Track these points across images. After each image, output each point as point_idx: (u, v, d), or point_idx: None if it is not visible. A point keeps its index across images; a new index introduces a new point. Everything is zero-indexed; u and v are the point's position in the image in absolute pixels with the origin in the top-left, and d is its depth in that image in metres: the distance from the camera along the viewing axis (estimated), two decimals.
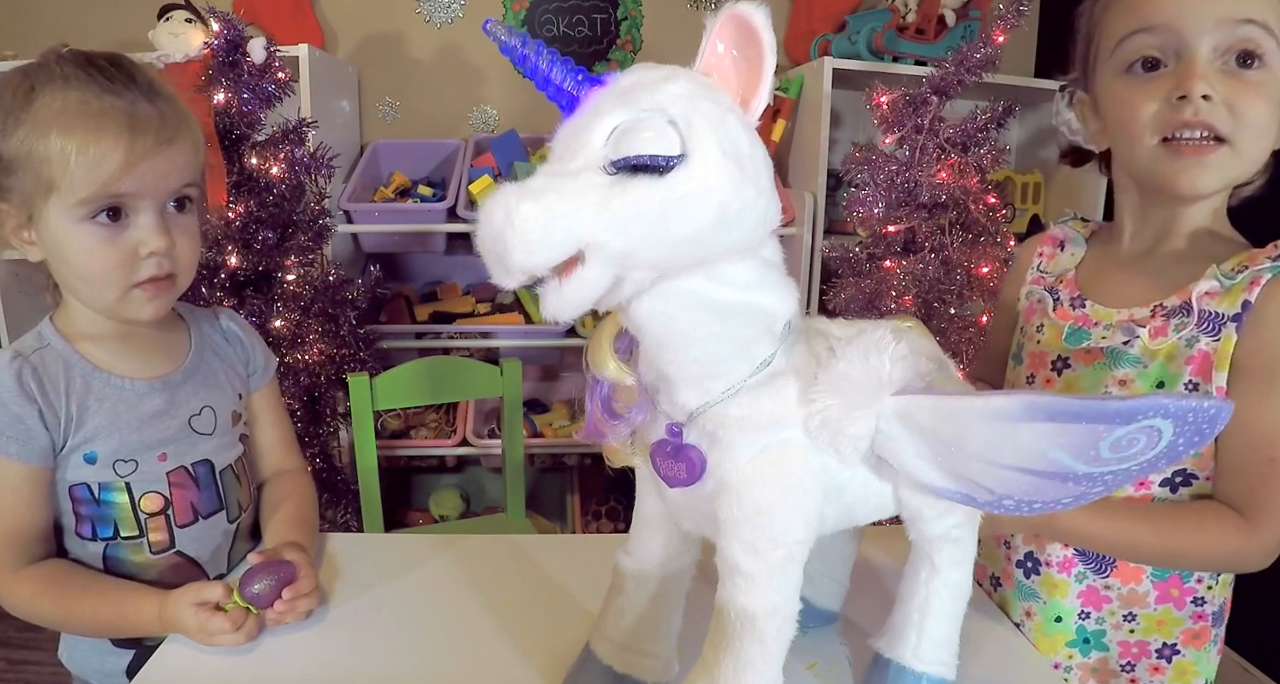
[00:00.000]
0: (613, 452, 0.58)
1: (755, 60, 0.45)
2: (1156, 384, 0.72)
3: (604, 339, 0.53)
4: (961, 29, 1.94)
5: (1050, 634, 0.80)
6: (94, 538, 0.80)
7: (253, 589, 0.74)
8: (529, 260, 0.40)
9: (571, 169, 0.43)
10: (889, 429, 0.50)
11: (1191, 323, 0.70)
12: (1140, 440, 0.44)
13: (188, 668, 0.71)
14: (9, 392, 0.74)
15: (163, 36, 1.60)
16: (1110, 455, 0.44)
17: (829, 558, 0.75)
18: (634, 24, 2.20)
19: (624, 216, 0.41)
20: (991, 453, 0.47)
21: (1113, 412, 0.43)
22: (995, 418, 0.46)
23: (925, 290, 1.65)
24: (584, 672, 0.66)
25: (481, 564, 0.89)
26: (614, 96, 0.44)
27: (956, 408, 0.48)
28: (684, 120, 0.42)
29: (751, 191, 0.44)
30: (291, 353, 1.60)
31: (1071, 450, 0.45)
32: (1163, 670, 0.78)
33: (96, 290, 0.76)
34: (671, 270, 0.45)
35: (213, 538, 0.86)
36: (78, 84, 0.72)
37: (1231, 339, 0.68)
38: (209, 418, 0.86)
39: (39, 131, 0.70)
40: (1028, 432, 0.45)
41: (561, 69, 0.47)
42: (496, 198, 0.41)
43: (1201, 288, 0.70)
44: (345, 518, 1.74)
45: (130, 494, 0.80)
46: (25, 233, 0.75)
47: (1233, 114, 0.66)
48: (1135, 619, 0.77)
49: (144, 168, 0.72)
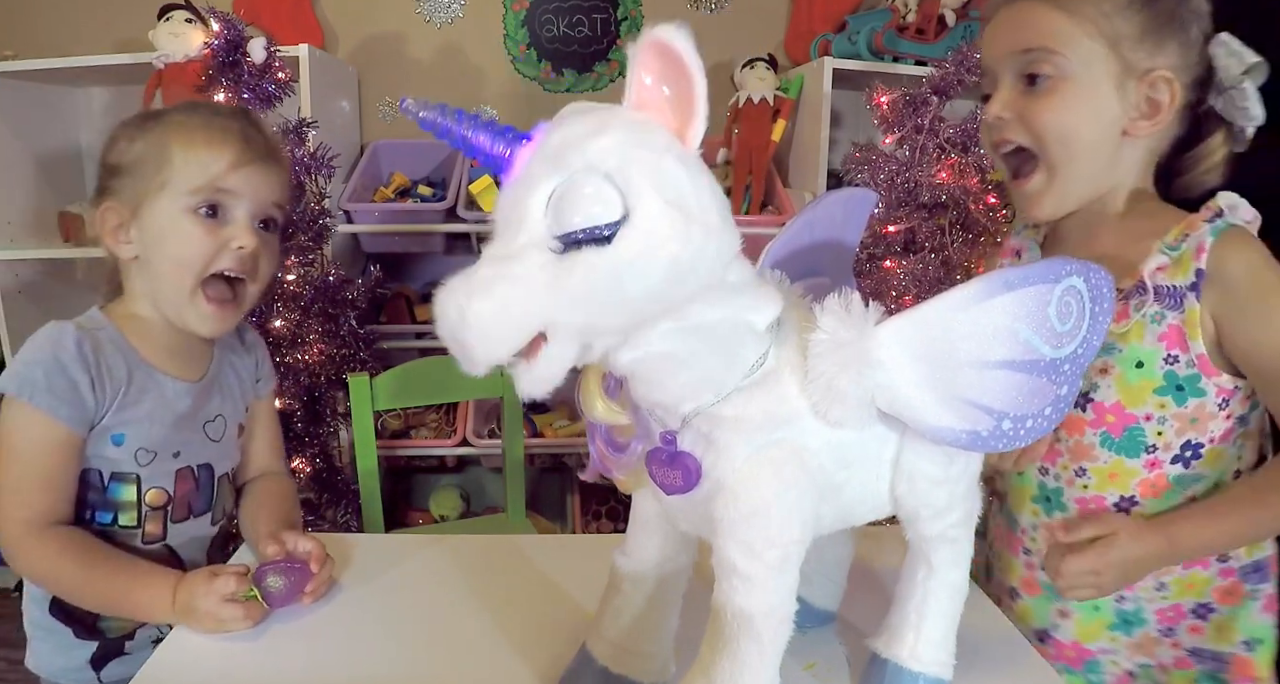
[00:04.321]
0: (624, 482, 0.59)
1: (685, 89, 0.43)
2: (1136, 364, 0.77)
3: (592, 384, 0.53)
4: (961, 29, 1.93)
5: (1090, 623, 0.83)
6: (91, 521, 0.83)
7: (270, 584, 0.75)
8: (491, 354, 0.41)
9: (515, 248, 0.42)
10: (888, 360, 0.51)
11: (1149, 299, 0.75)
12: (1072, 305, 0.52)
13: (187, 668, 0.71)
14: (70, 357, 0.78)
15: (163, 36, 1.59)
16: (1060, 327, 0.52)
17: (826, 558, 0.75)
18: (634, 24, 2.20)
19: (577, 294, 0.41)
20: (977, 348, 0.51)
21: (1042, 268, 0.51)
22: (968, 304, 0.51)
23: (925, 290, 1.65)
24: (580, 672, 0.66)
25: (481, 564, 0.89)
26: (544, 160, 0.42)
27: (934, 310, 0.51)
28: (620, 174, 0.41)
29: (700, 236, 0.43)
30: (291, 353, 1.60)
31: (1031, 321, 0.51)
32: (1201, 630, 0.81)
33: (179, 278, 0.82)
34: (636, 328, 0.45)
35: (198, 537, 0.90)
36: (198, 111, 0.85)
37: (1195, 309, 0.73)
38: (220, 425, 0.91)
39: (160, 142, 0.81)
40: (996, 308, 0.51)
41: (488, 134, 0.45)
42: (448, 296, 0.41)
43: (1151, 264, 0.75)
44: (345, 518, 1.74)
45: (138, 487, 0.83)
46: (124, 232, 0.83)
47: (1027, 127, 0.77)
48: (1165, 587, 0.80)
49: (248, 171, 0.82)
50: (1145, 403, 0.77)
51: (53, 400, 0.77)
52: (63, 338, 0.79)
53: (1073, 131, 0.76)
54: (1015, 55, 0.77)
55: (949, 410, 0.52)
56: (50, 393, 0.77)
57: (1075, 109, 0.75)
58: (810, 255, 0.68)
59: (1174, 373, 0.76)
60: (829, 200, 0.69)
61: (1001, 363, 0.51)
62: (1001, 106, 0.78)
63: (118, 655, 0.88)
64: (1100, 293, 0.54)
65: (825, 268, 0.69)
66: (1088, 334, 0.54)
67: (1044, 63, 0.75)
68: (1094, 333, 0.54)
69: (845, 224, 0.71)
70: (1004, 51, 0.78)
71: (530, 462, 2.20)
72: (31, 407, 0.77)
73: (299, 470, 1.63)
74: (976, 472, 0.63)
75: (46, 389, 0.77)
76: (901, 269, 1.65)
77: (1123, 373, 0.78)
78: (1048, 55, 0.75)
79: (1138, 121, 0.76)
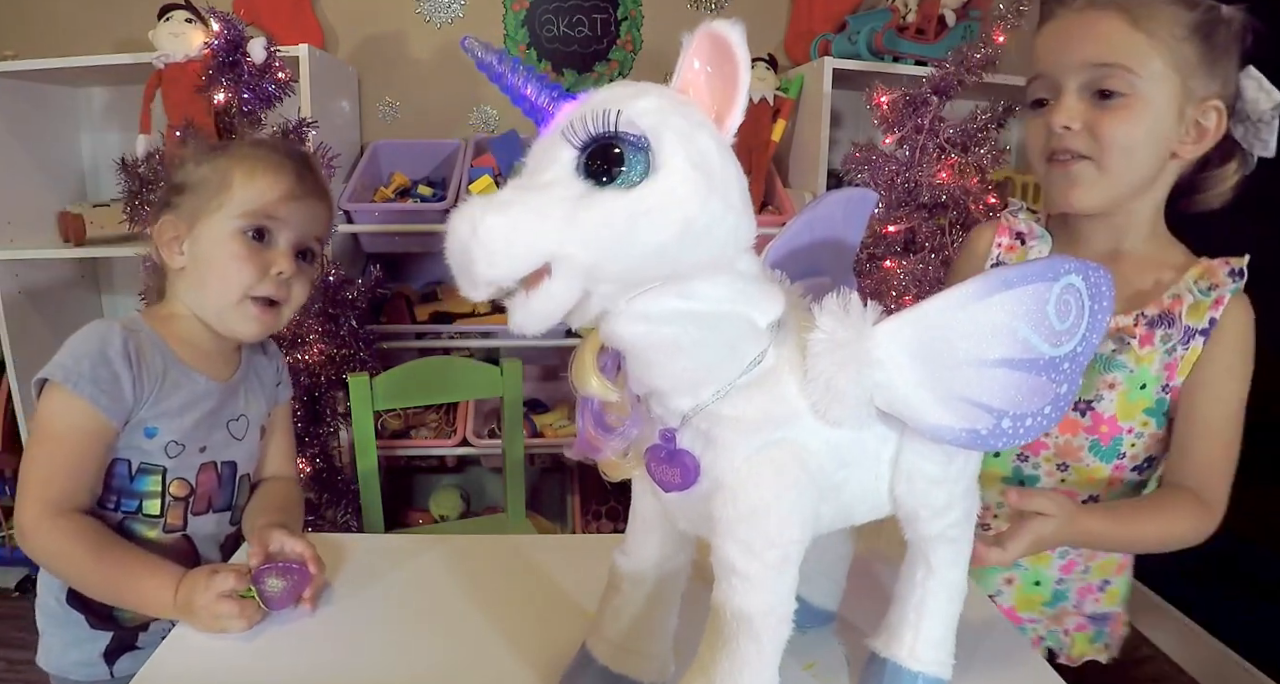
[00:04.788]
0: (610, 466, 0.58)
1: (730, 76, 0.45)
2: (1141, 385, 0.83)
3: (586, 355, 0.53)
4: (961, 29, 1.94)
5: (1029, 595, 0.94)
6: (116, 509, 0.86)
7: (267, 587, 0.75)
8: (491, 272, 0.41)
9: (540, 183, 0.43)
10: (886, 359, 0.51)
11: (1176, 336, 0.82)
12: (1071, 304, 0.52)
13: (187, 668, 0.71)
14: (116, 352, 0.83)
15: (163, 36, 1.59)
16: (1059, 326, 0.52)
17: (825, 557, 0.75)
18: (634, 24, 2.20)
19: (589, 229, 0.42)
20: (976, 346, 0.51)
21: (1041, 266, 0.52)
22: (966, 302, 0.51)
23: (925, 290, 1.65)
24: (580, 672, 0.66)
25: (481, 564, 0.89)
26: (585, 113, 0.44)
27: (933, 309, 0.51)
28: (653, 132, 0.43)
29: (719, 206, 0.44)
30: (292, 353, 1.60)
31: (1030, 320, 0.51)
32: (1099, 599, 0.95)
33: (223, 292, 0.88)
34: (639, 285, 0.45)
35: (215, 533, 0.93)
36: (262, 146, 0.94)
37: (1198, 350, 0.81)
38: (243, 425, 0.95)
39: (224, 168, 0.88)
40: (995, 305, 0.51)
41: (536, 85, 0.47)
42: (464, 210, 0.41)
43: (1186, 301, 0.81)
44: (345, 518, 1.75)
45: (164, 478, 0.87)
46: (178, 244, 0.89)
47: (1095, 138, 0.79)
48: (1089, 570, 0.93)
49: (296, 205, 0.89)
50: (1133, 419, 0.85)
51: (95, 390, 0.81)
52: (110, 334, 0.84)
53: (1138, 147, 0.79)
54: (1088, 67, 0.78)
55: (948, 409, 0.52)
56: (94, 383, 0.81)
57: (1142, 127, 0.78)
58: (810, 255, 0.68)
59: (1165, 400, 0.84)
60: (829, 200, 0.69)
61: (1000, 361, 0.51)
62: (1070, 117, 0.79)
63: (131, 649, 0.90)
64: (1099, 291, 0.54)
65: (825, 268, 0.69)
66: (1087, 332, 0.54)
67: (1119, 80, 0.77)
68: (1093, 331, 0.54)
69: (846, 224, 0.71)
70: (1075, 61, 0.79)
71: (530, 462, 2.20)
72: (74, 394, 0.80)
73: (299, 470, 1.62)
74: (976, 471, 0.63)
75: (91, 379, 0.81)
76: (901, 269, 1.65)
77: (1127, 390, 0.84)
78: (1124, 73, 0.76)
79: (1185, 145, 0.80)
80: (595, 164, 0.43)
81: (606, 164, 0.43)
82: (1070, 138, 0.80)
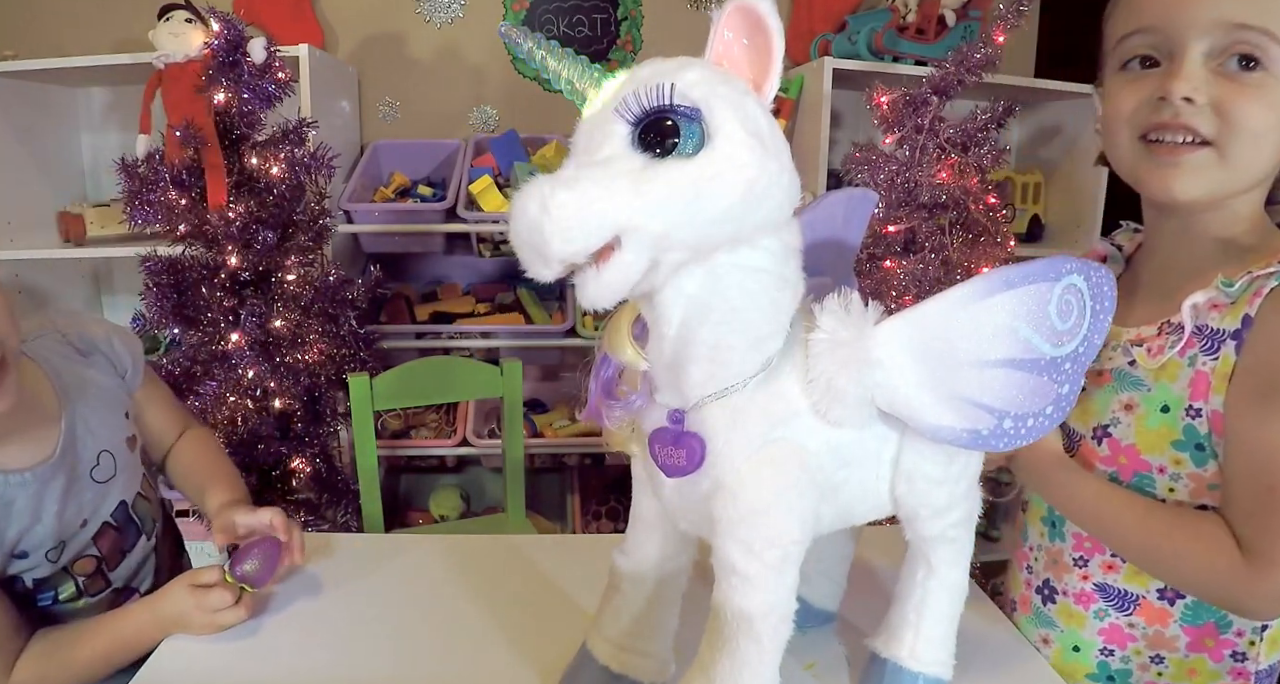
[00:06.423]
0: (611, 435, 0.59)
1: (764, 46, 0.46)
2: (1162, 408, 0.67)
3: (623, 323, 0.54)
4: (961, 29, 1.93)
5: (1068, 662, 0.77)
6: (35, 605, 0.80)
7: (244, 569, 0.76)
8: (567, 248, 0.41)
9: (600, 159, 0.44)
10: (887, 359, 0.51)
11: (1182, 339, 0.66)
12: (1073, 304, 0.52)
13: (186, 668, 0.71)
14: None
15: (163, 36, 1.59)
16: (1061, 326, 0.52)
17: (826, 557, 0.75)
18: (634, 24, 2.20)
19: (657, 199, 0.42)
20: (977, 347, 0.51)
21: (1042, 266, 0.51)
22: (967, 302, 0.51)
23: (925, 290, 1.65)
24: (581, 671, 0.66)
25: (480, 564, 0.89)
26: (634, 89, 0.45)
27: (934, 309, 0.51)
28: (705, 103, 0.44)
29: (775, 166, 0.46)
30: (291, 353, 1.60)
31: (1031, 320, 0.51)
32: None
33: None
34: (705, 250, 0.46)
35: (138, 562, 0.88)
36: None
37: (1230, 359, 0.63)
38: (108, 463, 0.85)
39: None
40: (996, 306, 0.51)
41: (577, 66, 0.49)
42: (530, 189, 0.41)
43: (1198, 299, 0.65)
44: (345, 518, 1.74)
45: (69, 572, 0.80)
46: None
47: (1222, 118, 0.62)
48: (1164, 662, 0.72)
49: None
50: (1161, 454, 0.68)
51: None
52: None
53: (1266, 134, 0.63)
54: (1224, 27, 0.61)
55: (949, 409, 0.52)
56: None
57: (1276, 110, 0.62)
58: (811, 255, 0.67)
59: (1194, 428, 0.66)
60: (830, 200, 0.69)
61: (1002, 361, 0.51)
62: (1193, 88, 0.62)
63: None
64: (1101, 291, 0.54)
65: (826, 268, 0.69)
66: (1089, 332, 0.54)
67: (1262, 49, 0.61)
68: (1095, 331, 0.54)
69: (846, 224, 0.71)
70: (1206, 17, 0.62)
71: (530, 462, 2.20)
72: None
73: (299, 470, 1.62)
74: (976, 471, 0.63)
75: None
76: (901, 269, 1.65)
77: (1146, 413, 0.69)
78: (1270, 42, 0.61)
79: None
80: (650, 137, 0.44)
81: (661, 136, 0.43)
82: (1190, 113, 0.62)
